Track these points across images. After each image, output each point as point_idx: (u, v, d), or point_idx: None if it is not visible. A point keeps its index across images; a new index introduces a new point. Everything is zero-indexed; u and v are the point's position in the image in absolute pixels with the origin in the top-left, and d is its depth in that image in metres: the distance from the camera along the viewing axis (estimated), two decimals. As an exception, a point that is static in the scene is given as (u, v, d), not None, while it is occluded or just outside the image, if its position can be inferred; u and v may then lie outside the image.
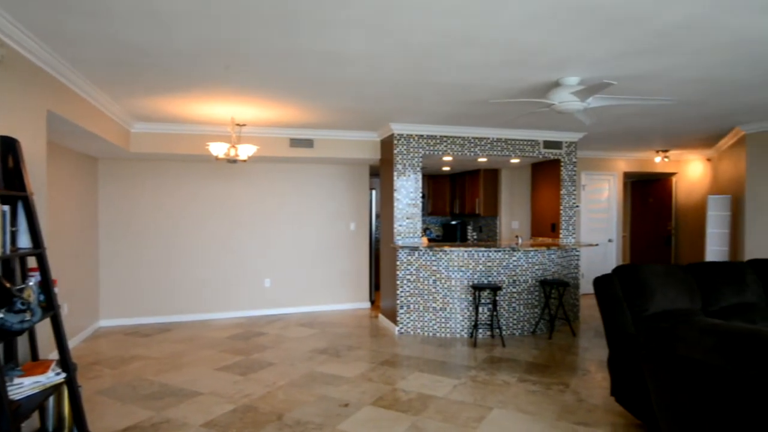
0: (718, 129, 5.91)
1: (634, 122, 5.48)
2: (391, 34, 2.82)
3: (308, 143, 6.03)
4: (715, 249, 6.57)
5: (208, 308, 6.40)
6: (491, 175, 7.81)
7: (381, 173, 6.31)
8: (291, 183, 6.73)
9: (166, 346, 5.05)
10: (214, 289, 6.42)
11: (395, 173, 5.70)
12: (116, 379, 4.06)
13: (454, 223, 8.86)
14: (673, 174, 8.69)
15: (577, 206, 7.91)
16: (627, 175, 9.02)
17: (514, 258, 5.58)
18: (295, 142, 5.99)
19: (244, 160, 4.97)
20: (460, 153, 5.90)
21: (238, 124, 5.46)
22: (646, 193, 9.24)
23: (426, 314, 5.51)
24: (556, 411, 3.38)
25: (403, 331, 5.55)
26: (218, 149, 4.71)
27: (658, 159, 8.04)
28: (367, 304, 7.09)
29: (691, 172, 8.43)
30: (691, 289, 3.45)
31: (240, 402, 3.55)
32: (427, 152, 5.80)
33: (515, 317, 5.58)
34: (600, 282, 3.45)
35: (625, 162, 8.33)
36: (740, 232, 5.93)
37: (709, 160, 7.98)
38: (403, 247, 5.44)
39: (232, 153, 4.79)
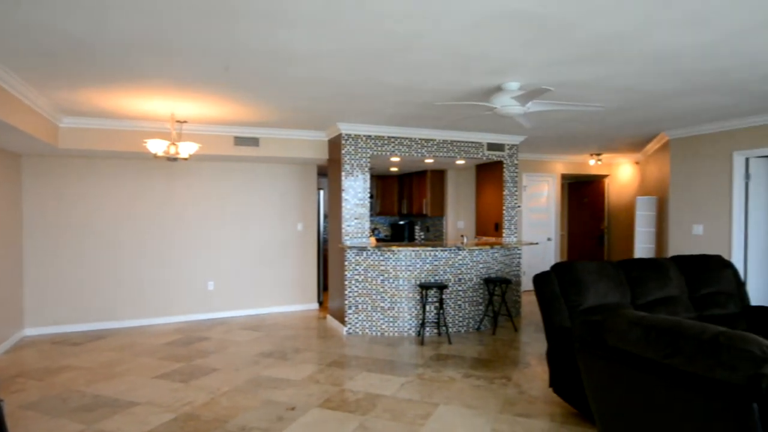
0: (646, 134, 6.33)
1: (571, 127, 5.77)
2: (336, 34, 2.81)
3: (254, 142, 5.90)
4: (642, 246, 7.04)
5: (146, 313, 6.10)
6: (438, 176, 7.97)
7: (329, 173, 6.28)
8: (236, 182, 6.55)
9: (98, 355, 4.76)
10: (153, 293, 6.13)
11: (343, 173, 5.68)
12: (43, 391, 3.79)
13: (402, 223, 8.96)
14: (605, 176, 9.23)
15: (519, 206, 8.22)
16: (564, 177, 9.49)
17: (460, 257, 5.72)
18: (240, 141, 5.84)
19: (186, 159, 4.78)
20: (407, 154, 5.97)
21: (178, 121, 5.25)
22: (582, 194, 9.76)
23: (374, 314, 5.54)
24: (499, 404, 3.50)
25: (351, 331, 5.54)
26: (157, 147, 4.51)
27: (592, 162, 8.51)
28: (315, 306, 7.02)
29: (622, 174, 8.99)
30: (621, 284, 3.68)
31: (180, 411, 3.41)
32: (375, 153, 5.83)
33: (461, 315, 5.72)
34: (539, 279, 3.61)
35: (562, 164, 8.75)
36: (664, 230, 6.39)
37: (637, 163, 8.54)
38: (351, 248, 5.44)
39: (173, 151, 4.60)
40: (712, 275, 4.04)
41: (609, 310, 3.03)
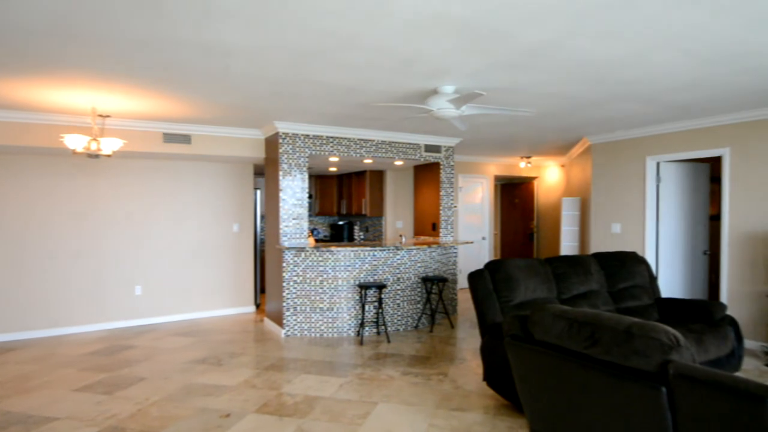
0: (570, 139, 6.74)
1: (503, 130, 6.02)
2: (273, 30, 2.76)
3: (185, 139, 5.64)
4: (568, 244, 7.49)
5: (65, 321, 5.66)
6: (377, 176, 8.02)
7: (266, 172, 6.13)
8: (166, 181, 6.23)
9: (9, 368, 4.35)
10: (73, 299, 5.70)
11: (281, 173, 5.58)
12: (-60, 412, 3.40)
13: (341, 223, 8.93)
14: (534, 178, 9.72)
15: (455, 207, 8.47)
16: (497, 179, 9.89)
17: (398, 256, 5.80)
18: (170, 138, 5.56)
19: (109, 155, 4.49)
20: (346, 154, 5.97)
21: (100, 115, 4.91)
22: (513, 195, 10.22)
23: (313, 315, 5.48)
24: (436, 400, 3.59)
25: (289, 333, 5.45)
26: (76, 142, 4.19)
27: (522, 164, 8.94)
28: (252, 309, 6.84)
29: (549, 176, 9.51)
30: (548, 280, 3.89)
31: (104, 424, 3.20)
32: (314, 152, 5.77)
33: (399, 313, 5.80)
34: (473, 277, 3.74)
35: (495, 166, 9.12)
36: (587, 229, 6.84)
37: (563, 166, 9.08)
38: (289, 248, 5.35)
39: (94, 147, 4.30)
40: (628, 270, 4.38)
41: (536, 305, 3.19)
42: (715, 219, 6.31)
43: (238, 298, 6.74)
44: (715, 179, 6.16)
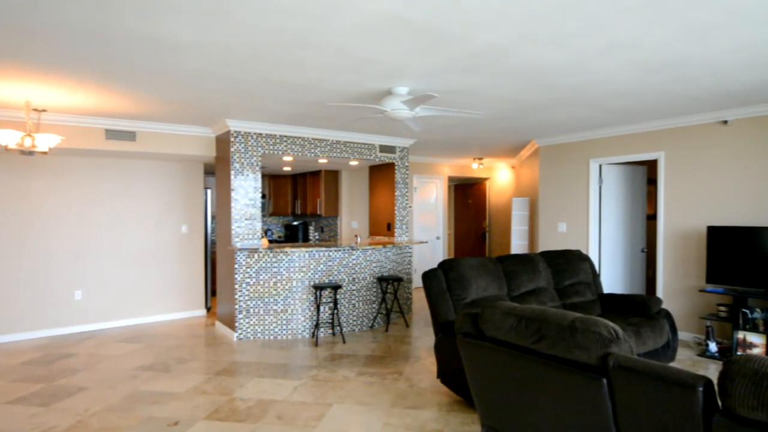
0: (520, 141, 6.97)
1: (456, 132, 6.15)
2: (223, 26, 2.69)
3: (129, 136, 5.39)
4: (518, 243, 7.74)
5: (-6, 331, 5.27)
6: (332, 176, 7.98)
7: (217, 172, 5.96)
8: (110, 180, 5.93)
9: (-70, 383, 4.01)
10: (6, 305, 5.31)
11: (232, 172, 5.44)
12: None
13: (296, 223, 8.82)
14: (486, 179, 9.98)
15: (410, 207, 8.55)
16: (451, 179, 10.08)
17: (354, 257, 5.79)
18: (113, 134, 5.30)
19: (45, 152, 4.22)
20: (300, 153, 5.90)
21: (35, 110, 4.61)
22: (466, 195, 10.44)
23: (267, 317, 5.38)
24: (391, 399, 3.61)
25: (242, 336, 5.33)
26: (7, 138, 3.92)
27: (475, 165, 9.15)
28: (203, 312, 6.63)
29: (501, 177, 9.79)
30: (499, 278, 4.00)
31: (40, 438, 3.00)
32: (267, 151, 5.66)
33: (355, 314, 5.80)
34: (427, 276, 3.79)
35: (449, 167, 9.28)
36: (535, 228, 7.09)
37: (513, 167, 9.37)
38: (241, 250, 5.23)
39: (28, 143, 4.03)
40: (573, 268, 4.57)
41: (487, 303, 3.28)
42: (651, 218, 6.71)
43: (188, 301, 6.51)
44: (652, 181, 6.54)
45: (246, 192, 5.54)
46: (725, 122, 4.93)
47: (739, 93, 4.17)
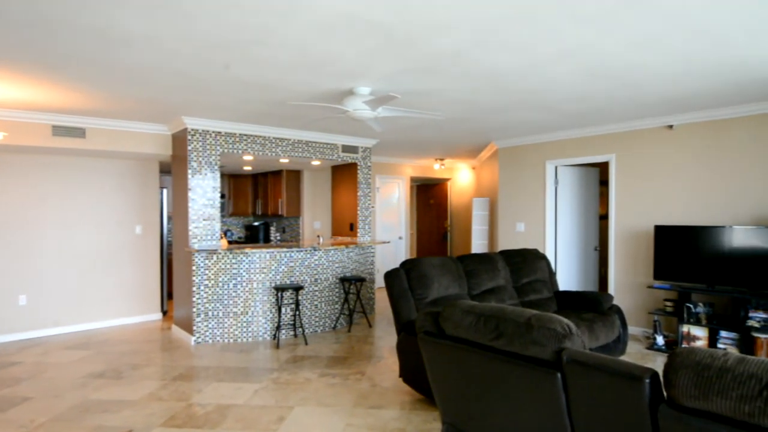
0: (480, 143, 7.11)
1: (418, 133, 6.20)
2: (179, 20, 2.61)
3: (79, 132, 5.15)
4: (478, 242, 7.89)
5: (-73, 340, 4.91)
6: (294, 176, 7.89)
7: (173, 171, 5.78)
8: (58, 179, 5.64)
9: None
10: (-62, 314, 4.96)
11: (190, 171, 5.29)
12: None
13: (257, 224, 8.66)
14: (448, 179, 10.12)
15: (373, 207, 8.57)
16: (413, 180, 10.16)
17: (316, 257, 5.75)
18: (61, 131, 5.04)
19: (-15, 150, 3.97)
20: (261, 153, 5.80)
21: (-26, 104, 4.33)
22: (429, 196, 10.56)
23: (226, 320, 5.26)
24: (353, 399, 3.61)
25: (200, 340, 5.18)
26: (-58, 134, 3.66)
27: (437, 166, 9.27)
28: (158, 316, 6.41)
29: (462, 178, 9.96)
30: (460, 277, 4.07)
31: (-22, 453, 2.82)
32: (226, 150, 5.54)
33: (317, 315, 5.75)
34: (389, 275, 3.81)
35: (411, 167, 9.36)
36: (495, 227, 7.25)
37: (474, 168, 9.55)
38: (199, 251, 5.08)
39: (-35, 140, 3.78)
40: (531, 266, 4.71)
41: (448, 302, 3.33)
42: (603, 218, 6.99)
43: (143, 305, 6.28)
44: (604, 182, 6.82)
45: (204, 192, 5.39)
46: (671, 127, 5.20)
47: (682, 99, 4.41)
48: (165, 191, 6.59)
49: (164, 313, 6.56)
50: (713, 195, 4.92)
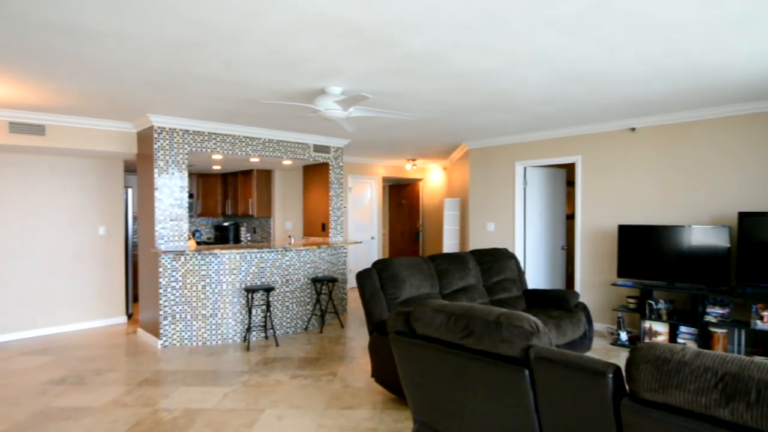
0: (451, 144, 7.18)
1: (389, 133, 6.22)
2: (146, 15, 2.54)
3: (38, 129, 4.94)
4: (449, 242, 7.97)
5: None
6: (265, 176, 7.79)
7: (139, 170, 5.62)
8: (15, 177, 5.40)
9: None
10: None
11: (156, 170, 5.15)
12: None
13: (226, 224, 8.51)
14: (420, 179, 10.19)
15: (345, 207, 8.54)
16: (385, 180, 10.18)
17: (287, 258, 5.69)
18: (18, 128, 4.83)
19: (-66, 147, 3.76)
20: (230, 152, 5.70)
21: None
22: (401, 196, 10.60)
23: (194, 323, 5.15)
24: (325, 400, 3.59)
25: (167, 344, 5.06)
26: None
27: (408, 166, 9.31)
28: (123, 319, 6.22)
29: (433, 178, 10.04)
30: (431, 277, 4.10)
31: (-73, 467, 2.68)
32: (194, 149, 5.42)
33: (289, 316, 5.70)
34: (361, 276, 3.81)
35: (383, 168, 9.38)
36: (466, 227, 7.34)
37: (445, 168, 9.64)
38: (166, 252, 4.96)
39: None
40: (501, 265, 4.79)
41: (420, 301, 3.35)
42: (570, 218, 7.18)
43: (107, 308, 6.08)
44: (570, 183, 7.00)
45: (171, 191, 5.26)
46: (633, 129, 5.38)
47: (645, 103, 4.56)
48: (130, 191, 6.40)
49: (129, 316, 6.37)
50: (673, 195, 5.12)
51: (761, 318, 4.24)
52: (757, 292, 4.30)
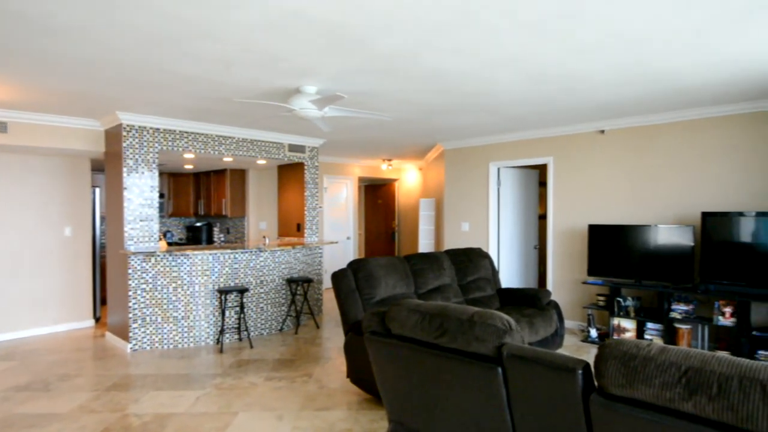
0: (426, 144, 7.23)
1: (365, 133, 6.22)
2: (117, 9, 2.47)
3: (0, 127, 4.75)
4: (425, 242, 8.02)
5: None
6: (239, 175, 7.68)
7: (107, 169, 5.46)
8: (-29, 177, 5.17)
9: None
10: None
11: (125, 169, 5.02)
12: None
13: (199, 224, 8.35)
14: (395, 180, 10.21)
15: (320, 207, 8.50)
16: (361, 180, 10.17)
17: (261, 258, 5.62)
18: (-22, 125, 4.64)
19: None
20: (203, 151, 5.60)
21: None
22: (376, 196, 10.61)
23: (165, 325, 5.04)
24: (300, 402, 3.56)
25: (137, 347, 4.93)
26: None
27: (384, 166, 9.33)
28: (91, 323, 6.03)
29: (409, 178, 10.08)
30: (407, 276, 4.12)
31: None
32: (165, 148, 5.30)
33: (263, 317, 5.63)
34: (336, 276, 3.79)
35: (359, 168, 9.37)
36: (441, 227, 7.40)
37: (421, 169, 9.69)
38: (136, 253, 4.83)
39: None
40: (475, 265, 4.84)
41: (396, 301, 3.35)
42: (542, 218, 7.32)
43: (73, 311, 5.88)
44: (543, 184, 7.14)
45: (141, 191, 5.13)
46: (602, 132, 5.52)
47: (614, 105, 4.69)
48: (98, 190, 6.22)
49: (97, 319, 6.18)
50: (641, 196, 5.27)
51: (723, 314, 4.41)
52: (719, 289, 4.47)
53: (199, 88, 3.96)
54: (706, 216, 4.54)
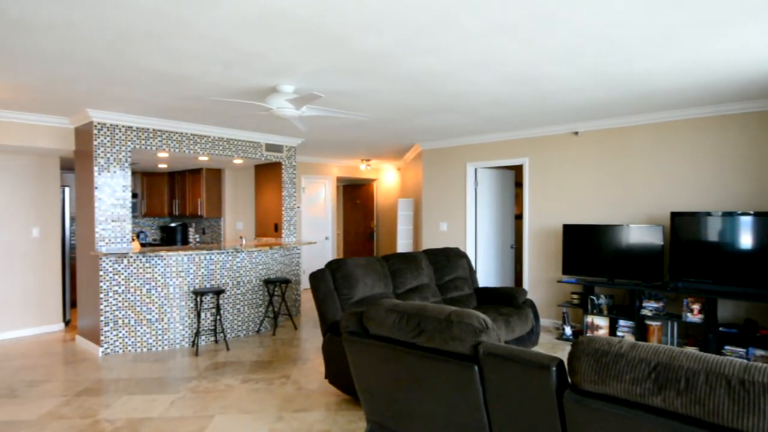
0: (404, 144, 7.25)
1: (343, 133, 6.20)
2: (84, 2, 2.40)
3: (-39, 124, 4.57)
4: (403, 242, 8.04)
5: None
6: (215, 175, 7.56)
7: (77, 168, 5.30)
8: (-69, 176, 4.96)
9: None
10: None
11: (96, 168, 4.88)
12: None
13: (174, 225, 8.19)
14: (374, 180, 10.22)
15: (298, 207, 8.44)
16: (339, 180, 10.14)
17: (238, 259, 5.55)
18: (-62, 121, 4.45)
19: None
20: (177, 150, 5.49)
21: None
22: (355, 196, 10.59)
23: (139, 328, 4.92)
24: (278, 404, 3.53)
25: (108, 351, 4.81)
26: None
27: (363, 166, 9.32)
28: (60, 326, 5.85)
29: (387, 178, 10.09)
30: (385, 276, 4.13)
31: None
32: (138, 146, 5.18)
33: (240, 318, 5.56)
34: (314, 276, 3.77)
35: (338, 168, 9.34)
36: (419, 227, 7.43)
37: (399, 169, 9.71)
38: (107, 255, 4.71)
39: None
40: (453, 264, 4.88)
41: (374, 301, 3.37)
42: (519, 218, 7.42)
43: (41, 314, 5.70)
44: (519, 184, 7.24)
45: (113, 191, 5.01)
46: (576, 133, 5.63)
47: (587, 108, 4.79)
48: (67, 190, 6.04)
49: (67, 323, 6.00)
50: (613, 196, 5.40)
51: (691, 311, 4.55)
52: (688, 287, 4.62)
53: (174, 85, 3.89)
54: (675, 216, 4.68)
